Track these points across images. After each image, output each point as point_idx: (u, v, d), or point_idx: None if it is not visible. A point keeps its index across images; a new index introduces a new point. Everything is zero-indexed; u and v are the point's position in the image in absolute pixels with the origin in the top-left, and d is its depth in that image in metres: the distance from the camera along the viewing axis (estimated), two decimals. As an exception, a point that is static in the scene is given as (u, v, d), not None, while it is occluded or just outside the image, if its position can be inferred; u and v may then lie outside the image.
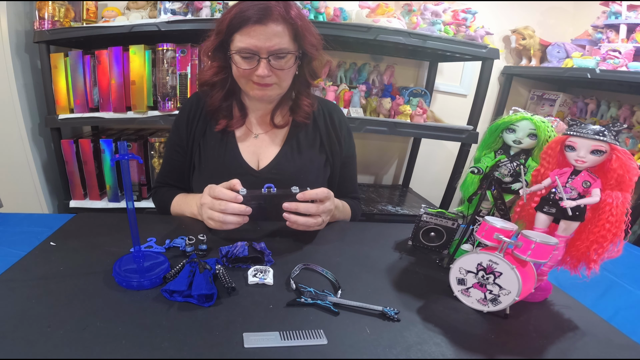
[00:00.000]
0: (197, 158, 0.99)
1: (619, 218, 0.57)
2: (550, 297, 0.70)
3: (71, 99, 1.55)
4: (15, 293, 0.56)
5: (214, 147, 0.97)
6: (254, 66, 0.84)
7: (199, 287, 0.57)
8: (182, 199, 0.96)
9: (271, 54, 0.83)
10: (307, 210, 0.76)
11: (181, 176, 1.02)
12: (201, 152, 0.98)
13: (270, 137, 1.00)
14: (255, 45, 0.82)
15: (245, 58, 0.84)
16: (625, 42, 1.69)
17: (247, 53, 0.83)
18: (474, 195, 0.77)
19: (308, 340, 0.51)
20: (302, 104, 0.98)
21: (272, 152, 0.98)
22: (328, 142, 1.02)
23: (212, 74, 0.92)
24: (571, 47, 1.91)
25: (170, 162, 1.03)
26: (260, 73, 0.84)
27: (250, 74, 0.86)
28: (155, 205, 1.05)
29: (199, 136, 0.98)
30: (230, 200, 0.73)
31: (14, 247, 0.73)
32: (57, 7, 1.47)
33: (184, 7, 1.50)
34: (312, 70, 0.95)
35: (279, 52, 0.83)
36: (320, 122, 1.02)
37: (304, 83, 0.96)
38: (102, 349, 0.47)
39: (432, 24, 1.71)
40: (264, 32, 0.81)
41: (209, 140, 0.98)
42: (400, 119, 1.72)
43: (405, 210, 1.86)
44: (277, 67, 0.85)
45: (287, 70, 0.87)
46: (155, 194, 1.05)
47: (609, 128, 0.57)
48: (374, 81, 1.95)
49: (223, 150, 0.97)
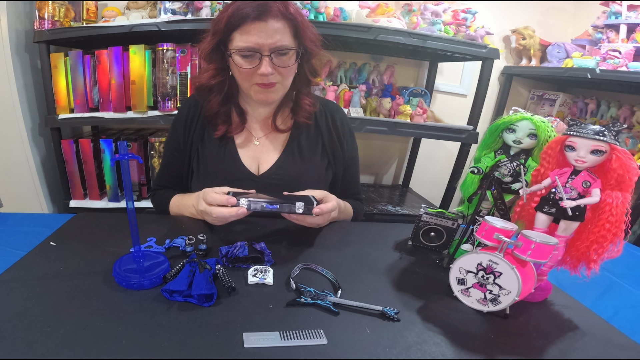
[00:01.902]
0: (195, 162, 0.97)
1: (619, 218, 0.57)
2: (550, 297, 0.70)
3: (71, 99, 1.55)
4: (15, 293, 0.56)
5: (213, 151, 0.96)
6: (255, 65, 0.82)
7: (199, 287, 0.57)
8: (179, 200, 0.95)
9: (273, 51, 0.81)
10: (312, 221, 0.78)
11: (179, 179, 1.02)
12: (200, 157, 0.97)
13: (271, 141, 0.98)
14: (256, 43, 0.80)
15: (246, 57, 0.82)
16: (625, 42, 1.69)
17: (249, 51, 0.81)
18: (474, 195, 0.77)
19: (308, 340, 0.51)
20: (303, 103, 0.96)
21: (273, 157, 0.97)
22: (330, 145, 1.01)
23: (209, 77, 0.90)
24: (571, 47, 1.91)
25: (167, 166, 1.02)
26: (264, 71, 0.81)
27: (253, 75, 0.84)
28: (155, 207, 1.05)
29: (197, 140, 0.97)
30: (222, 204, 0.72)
31: (14, 247, 0.73)
32: (57, 7, 1.47)
33: (184, 7, 1.50)
34: (312, 67, 0.93)
35: (281, 49, 0.81)
36: (322, 124, 1.00)
37: (304, 81, 0.95)
38: (102, 349, 0.47)
39: (432, 24, 1.71)
40: (265, 29, 0.79)
41: (207, 144, 0.96)
42: (400, 119, 1.72)
43: (405, 210, 1.86)
44: (280, 65, 0.83)
45: (290, 68, 0.86)
46: (153, 197, 1.04)
47: (609, 128, 0.57)
48: (374, 81, 1.95)
49: (222, 155, 0.95)
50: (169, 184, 1.03)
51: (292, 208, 0.73)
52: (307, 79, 0.94)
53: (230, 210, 0.72)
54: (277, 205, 0.72)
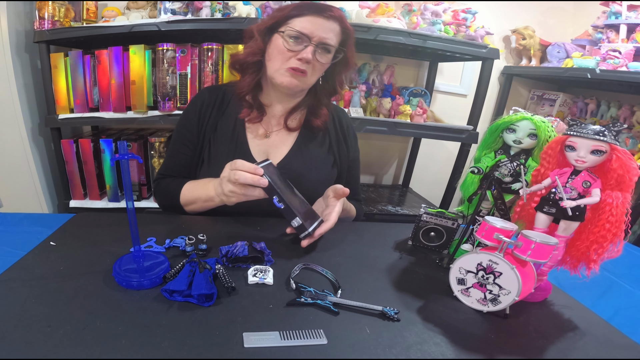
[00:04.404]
0: (206, 153, 0.99)
1: (619, 218, 0.57)
2: (550, 297, 0.70)
3: (71, 99, 1.55)
4: (15, 293, 0.56)
5: (225, 142, 0.98)
6: (299, 49, 0.88)
7: (199, 287, 0.57)
8: (194, 184, 0.94)
9: (321, 43, 0.88)
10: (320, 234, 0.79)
11: (186, 170, 1.01)
12: (211, 147, 0.99)
13: (281, 138, 1.02)
14: (311, 31, 0.87)
15: (295, 39, 0.88)
16: (625, 42, 1.69)
17: (301, 35, 0.87)
18: (474, 195, 0.77)
19: (308, 340, 0.51)
20: (321, 113, 1.01)
21: (282, 152, 1.00)
22: (337, 145, 1.05)
23: (249, 53, 0.95)
24: (571, 47, 1.91)
25: (176, 156, 1.02)
26: (305, 56, 0.87)
27: (290, 58, 0.89)
28: (160, 196, 1.03)
29: (210, 131, 0.99)
30: (249, 170, 0.72)
31: (14, 247, 0.72)
32: (57, 7, 1.47)
33: (184, 7, 1.50)
34: (342, 80, 1.00)
35: (328, 45, 0.89)
36: (330, 125, 1.05)
37: (330, 91, 1.01)
38: (102, 349, 0.47)
39: (432, 24, 1.70)
40: (323, 24, 0.88)
41: (219, 135, 0.99)
42: (400, 119, 1.72)
43: (405, 210, 1.86)
44: (318, 59, 0.90)
45: (323, 65, 0.92)
46: (158, 185, 1.02)
47: (609, 128, 0.57)
48: (374, 81, 1.95)
49: (233, 146, 0.98)
50: (175, 174, 1.02)
51: (291, 217, 0.73)
52: (334, 89, 1.01)
53: (253, 177, 0.71)
54: (282, 205, 0.73)
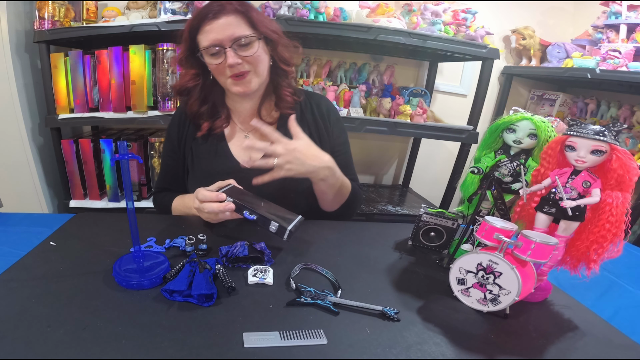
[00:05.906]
0: (190, 161, 1.02)
1: (619, 218, 0.57)
2: (550, 297, 0.70)
3: (71, 99, 1.55)
4: (15, 293, 0.56)
5: (205, 148, 1.00)
6: (223, 59, 0.88)
7: (199, 287, 0.57)
8: (180, 201, 1.00)
9: (233, 42, 0.87)
10: None
11: (177, 180, 1.06)
12: (193, 155, 1.02)
13: (259, 136, 1.01)
14: (216, 39, 0.86)
15: (213, 54, 0.88)
16: (625, 42, 1.69)
17: (213, 47, 0.87)
18: (474, 195, 0.77)
19: (308, 340, 0.51)
20: (283, 94, 1.00)
21: None
22: (317, 133, 1.04)
23: (186, 80, 0.97)
24: (571, 47, 1.91)
25: (166, 169, 1.08)
26: (230, 62, 0.87)
27: (225, 69, 0.89)
28: (157, 209, 1.10)
29: (190, 140, 1.02)
30: (212, 200, 0.77)
31: (14, 247, 0.73)
32: (57, 7, 1.47)
33: (184, 7, 1.50)
34: (282, 56, 0.97)
35: (240, 39, 0.87)
36: (307, 115, 1.04)
37: (280, 73, 0.99)
38: (102, 349, 0.47)
39: (432, 24, 1.70)
40: (221, 25, 0.86)
41: (200, 142, 1.01)
42: (400, 119, 1.72)
43: (405, 210, 1.86)
44: (245, 54, 0.88)
45: (257, 57, 0.90)
46: (155, 199, 1.10)
47: (609, 128, 0.57)
48: (374, 81, 1.95)
49: (214, 150, 1.00)
50: (169, 187, 1.08)
51: (267, 224, 0.73)
52: (281, 69, 0.99)
53: (219, 205, 0.76)
54: (254, 217, 0.75)
